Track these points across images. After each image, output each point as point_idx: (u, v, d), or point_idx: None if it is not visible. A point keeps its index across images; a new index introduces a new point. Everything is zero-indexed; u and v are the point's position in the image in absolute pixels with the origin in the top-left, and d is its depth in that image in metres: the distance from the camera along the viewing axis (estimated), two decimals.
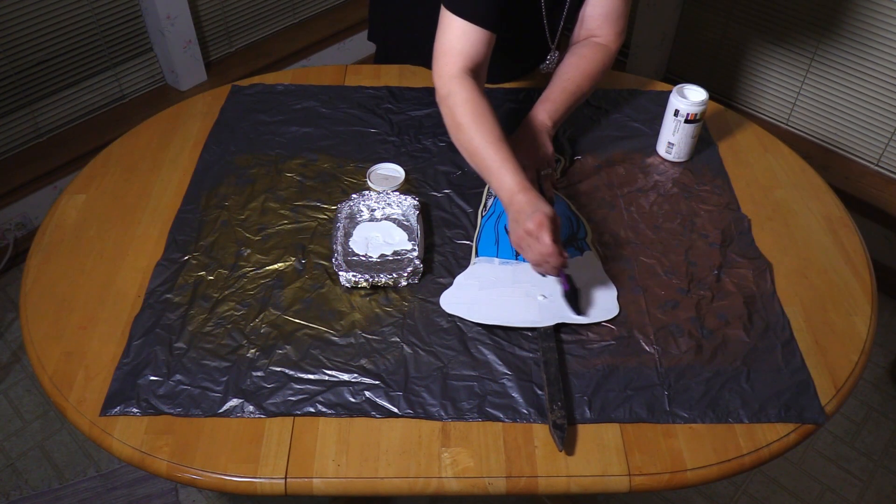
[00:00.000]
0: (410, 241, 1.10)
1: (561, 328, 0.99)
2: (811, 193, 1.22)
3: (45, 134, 2.17)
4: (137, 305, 1.01)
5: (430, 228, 1.13)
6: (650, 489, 0.85)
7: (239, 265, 1.06)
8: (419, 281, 1.05)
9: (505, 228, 1.11)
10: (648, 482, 0.85)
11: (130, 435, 0.87)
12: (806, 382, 0.94)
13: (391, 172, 1.22)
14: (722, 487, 1.72)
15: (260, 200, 1.17)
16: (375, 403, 0.90)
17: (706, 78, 2.48)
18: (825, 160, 2.23)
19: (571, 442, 0.87)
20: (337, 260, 1.03)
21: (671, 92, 1.22)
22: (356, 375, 0.93)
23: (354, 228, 1.12)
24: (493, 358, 0.95)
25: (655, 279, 1.06)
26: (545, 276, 1.03)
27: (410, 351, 0.96)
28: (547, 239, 0.94)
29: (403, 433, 0.88)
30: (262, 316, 1.00)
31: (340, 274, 1.02)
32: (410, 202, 1.13)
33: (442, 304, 1.01)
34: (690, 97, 1.21)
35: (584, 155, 1.28)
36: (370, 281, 1.02)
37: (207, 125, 1.33)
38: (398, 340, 0.97)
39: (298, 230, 1.12)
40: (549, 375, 0.91)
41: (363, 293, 1.03)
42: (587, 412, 0.90)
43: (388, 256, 1.08)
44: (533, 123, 1.19)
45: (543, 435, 0.88)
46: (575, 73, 1.23)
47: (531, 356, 0.96)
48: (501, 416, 0.89)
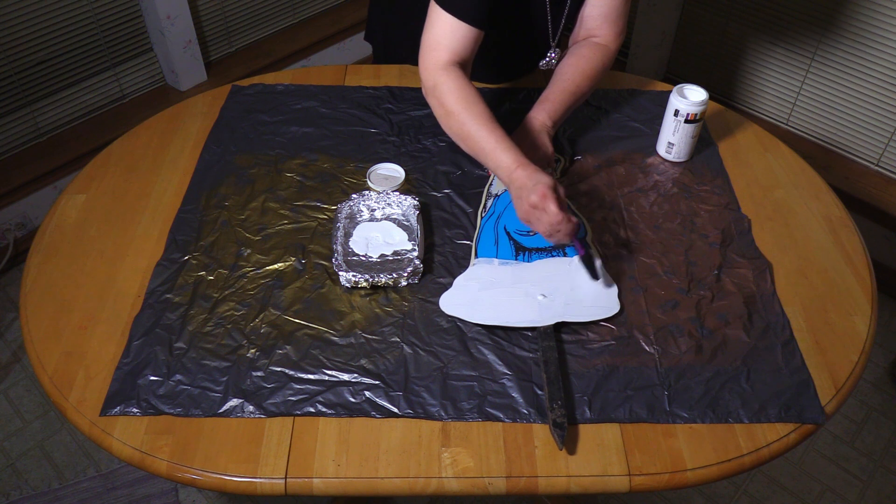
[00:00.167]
0: (410, 241, 1.10)
1: (561, 328, 0.99)
2: (811, 193, 1.22)
3: (45, 134, 2.17)
4: (137, 305, 1.01)
5: (430, 228, 1.13)
6: (650, 489, 0.85)
7: (239, 265, 1.06)
8: (419, 281, 1.05)
9: (503, 229, 1.11)
10: (648, 482, 0.85)
11: (130, 435, 0.87)
12: (806, 382, 0.94)
13: (391, 172, 1.22)
14: (722, 487, 1.72)
15: (260, 200, 1.17)
16: (375, 403, 0.90)
17: (706, 78, 2.48)
18: (825, 160, 2.23)
19: (571, 442, 0.87)
20: (337, 260, 1.03)
21: (671, 92, 1.22)
22: (356, 375, 0.93)
23: (354, 228, 1.12)
24: (493, 358, 0.95)
25: (655, 279, 1.06)
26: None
27: (410, 351, 0.96)
28: (553, 208, 0.97)
29: (403, 433, 0.88)
30: (262, 316, 1.00)
31: (340, 274, 1.02)
32: (410, 202, 1.14)
33: (441, 306, 1.01)
34: (690, 97, 1.21)
35: (584, 155, 1.28)
36: (370, 281, 1.02)
37: (207, 125, 1.33)
38: (398, 340, 0.97)
39: (298, 230, 1.12)
40: (548, 375, 0.91)
41: (363, 293, 1.03)
42: (587, 412, 0.90)
43: (388, 256, 1.08)
44: (533, 124, 1.19)
45: (543, 435, 0.88)
46: (574, 73, 1.23)
47: (531, 356, 0.96)
48: (501, 416, 0.89)
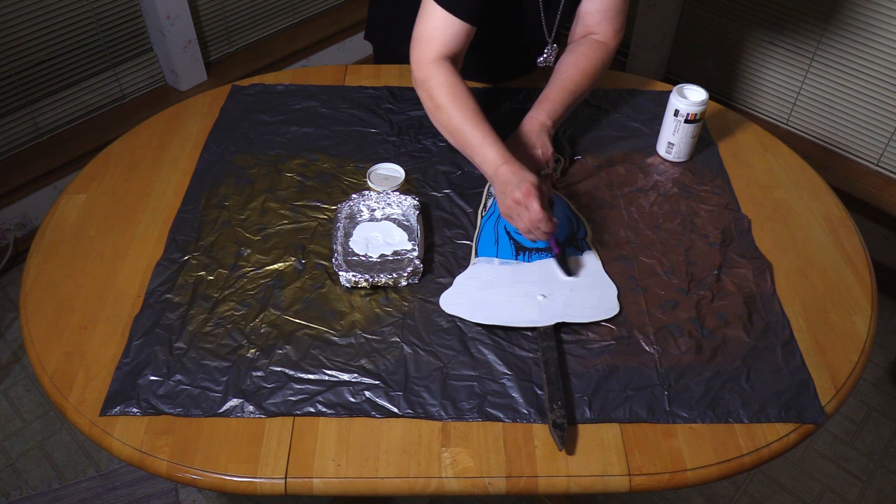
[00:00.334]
0: (410, 241, 1.10)
1: (561, 328, 0.99)
2: (811, 193, 1.22)
3: (45, 134, 2.17)
4: (137, 305, 1.01)
5: (430, 228, 1.13)
6: (650, 489, 0.85)
7: (239, 265, 1.06)
8: (419, 281, 1.05)
9: (499, 225, 1.11)
10: (648, 482, 0.85)
11: (130, 435, 0.87)
12: (806, 382, 0.94)
13: (391, 172, 1.22)
14: (722, 487, 1.72)
15: (260, 200, 1.17)
16: (375, 403, 0.90)
17: (706, 78, 2.48)
18: (825, 160, 2.23)
19: (571, 442, 0.87)
20: (337, 260, 1.03)
21: (671, 92, 1.22)
22: (356, 375, 0.93)
23: (354, 228, 1.12)
24: (493, 358, 0.95)
25: (655, 279, 1.06)
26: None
27: (410, 351, 0.96)
28: (535, 206, 0.98)
29: (403, 433, 0.88)
30: (262, 316, 1.00)
31: (340, 274, 1.02)
32: (410, 202, 1.13)
33: (442, 304, 1.01)
34: (690, 97, 1.21)
35: (584, 155, 1.28)
36: (370, 281, 1.02)
37: (207, 125, 1.32)
38: (398, 340, 0.97)
39: (298, 230, 1.12)
40: (548, 375, 0.91)
41: (363, 293, 1.03)
42: (587, 412, 0.90)
43: (388, 256, 1.08)
44: (533, 123, 1.19)
45: (543, 435, 0.88)
46: (574, 71, 1.23)
47: (531, 356, 0.96)
48: (501, 416, 0.89)
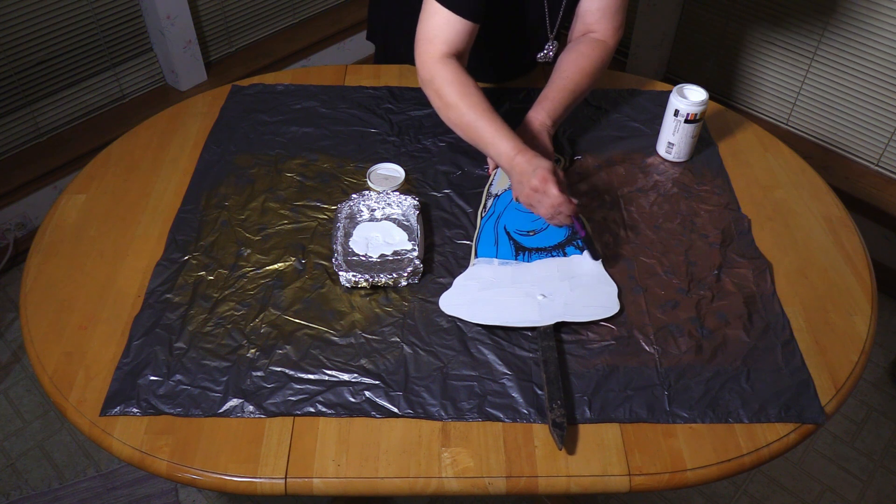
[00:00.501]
0: (410, 241, 1.10)
1: (561, 328, 0.99)
2: (811, 193, 1.22)
3: (45, 134, 2.16)
4: (137, 305, 1.01)
5: (430, 228, 1.13)
6: (650, 489, 0.85)
7: (239, 265, 1.06)
8: (419, 281, 1.05)
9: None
10: (648, 482, 0.85)
11: (130, 435, 0.87)
12: (806, 382, 0.94)
13: (391, 172, 1.22)
14: (722, 487, 1.72)
15: (260, 200, 1.17)
16: (375, 403, 0.90)
17: (706, 78, 2.48)
18: (825, 160, 2.23)
19: (571, 442, 0.87)
20: (337, 260, 1.03)
21: (671, 92, 1.22)
22: (356, 375, 0.93)
23: (354, 228, 1.12)
24: (493, 358, 0.95)
25: (655, 279, 1.06)
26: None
27: (410, 351, 0.96)
28: (554, 190, 1.00)
29: (403, 433, 0.88)
30: (262, 316, 1.00)
31: (340, 274, 1.02)
32: (410, 202, 1.14)
33: (441, 306, 1.01)
34: (690, 97, 1.21)
35: (584, 155, 1.28)
36: (370, 281, 1.02)
37: (207, 125, 1.33)
38: (398, 340, 0.97)
39: (298, 230, 1.12)
40: (548, 375, 0.91)
41: (363, 293, 1.03)
42: (587, 412, 0.90)
43: (388, 256, 1.08)
44: (533, 123, 1.19)
45: (543, 435, 0.88)
46: (573, 70, 1.23)
47: (531, 356, 0.96)
48: (501, 415, 0.89)
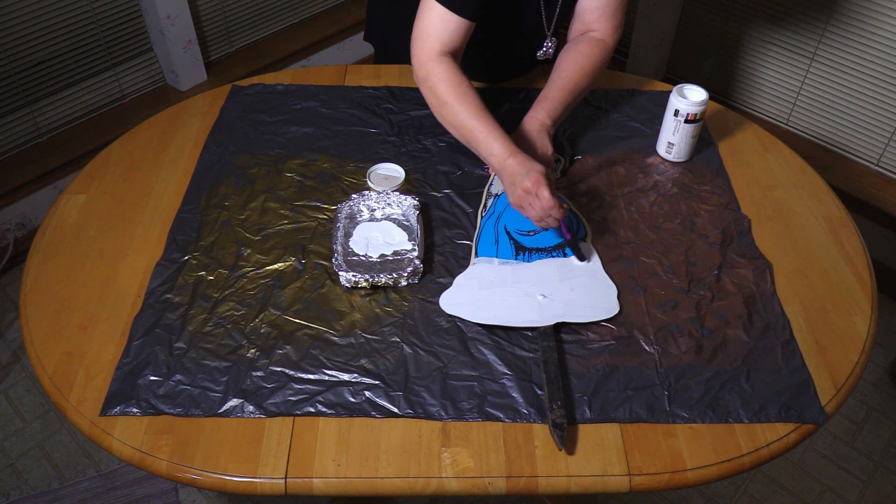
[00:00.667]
0: (410, 241, 1.10)
1: (561, 328, 0.99)
2: (811, 193, 1.22)
3: (45, 134, 2.17)
4: (137, 305, 1.01)
5: (430, 228, 1.13)
6: (650, 489, 0.85)
7: (239, 265, 1.06)
8: (419, 281, 1.05)
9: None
10: (648, 482, 0.85)
11: (130, 435, 0.87)
12: (806, 382, 0.94)
13: (391, 172, 1.22)
14: (722, 487, 1.72)
15: (260, 200, 1.17)
16: (375, 403, 0.90)
17: (706, 78, 2.48)
18: (825, 160, 2.23)
19: (571, 442, 0.87)
20: (337, 260, 1.03)
21: (671, 92, 1.22)
22: (356, 375, 0.93)
23: (354, 228, 1.12)
24: (493, 358, 0.95)
25: (655, 279, 1.06)
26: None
27: (410, 351, 0.96)
28: (546, 193, 1.00)
29: (403, 433, 0.88)
30: (262, 316, 1.00)
31: (340, 274, 1.02)
32: (410, 202, 1.14)
33: (441, 305, 1.01)
34: (690, 97, 1.21)
35: (584, 155, 1.28)
36: (370, 281, 1.02)
37: (207, 125, 1.33)
38: (398, 340, 0.97)
39: (298, 230, 1.12)
40: (548, 375, 0.91)
41: (363, 293, 1.03)
42: (587, 412, 0.90)
43: (388, 256, 1.08)
44: (532, 123, 1.19)
45: (543, 435, 0.88)
46: (573, 70, 1.23)
47: (531, 356, 0.96)
48: (501, 416, 0.89)
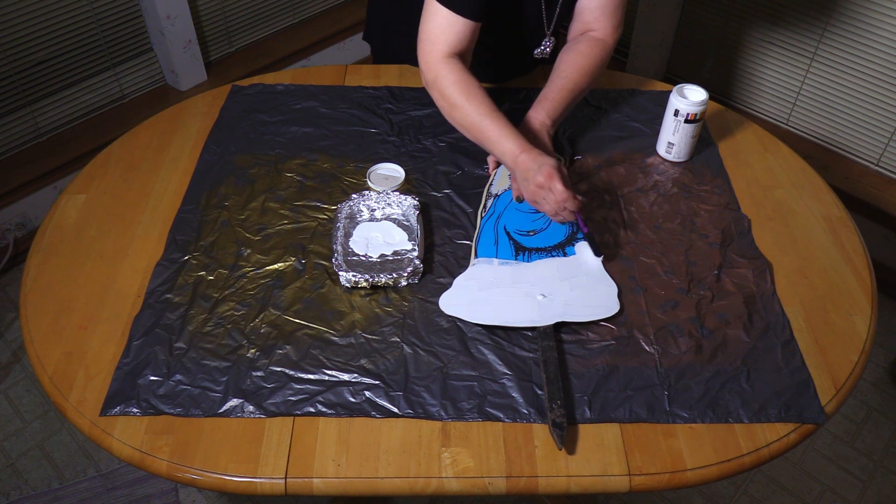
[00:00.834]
0: (410, 241, 1.10)
1: (561, 328, 0.99)
2: (811, 193, 1.22)
3: (45, 134, 2.17)
4: (137, 305, 1.01)
5: (430, 228, 1.13)
6: (650, 489, 0.85)
7: (239, 265, 1.06)
8: (419, 281, 1.05)
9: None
10: (648, 482, 0.85)
11: (130, 435, 0.87)
12: (806, 382, 0.94)
13: (391, 172, 1.22)
14: (722, 487, 1.72)
15: (260, 200, 1.17)
16: (375, 403, 0.90)
17: (706, 78, 2.48)
18: (825, 160, 2.23)
19: (571, 442, 0.87)
20: (337, 260, 1.03)
21: (671, 92, 1.22)
22: (356, 375, 0.93)
23: (354, 228, 1.12)
24: (493, 358, 0.95)
25: (655, 279, 1.06)
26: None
27: (410, 351, 0.96)
28: (559, 186, 1.01)
29: (403, 433, 0.88)
30: (262, 316, 1.00)
31: (340, 274, 1.02)
32: (410, 202, 1.14)
33: (441, 306, 1.01)
34: (690, 97, 1.21)
35: (584, 155, 1.28)
36: (370, 281, 1.02)
37: (207, 125, 1.33)
38: (398, 340, 0.97)
39: (298, 230, 1.12)
40: (548, 375, 0.91)
41: (363, 293, 1.03)
42: (587, 412, 0.90)
43: (388, 256, 1.08)
44: (532, 123, 1.19)
45: (543, 435, 0.88)
46: (573, 70, 1.23)
47: (531, 356, 0.96)
48: (501, 415, 0.89)
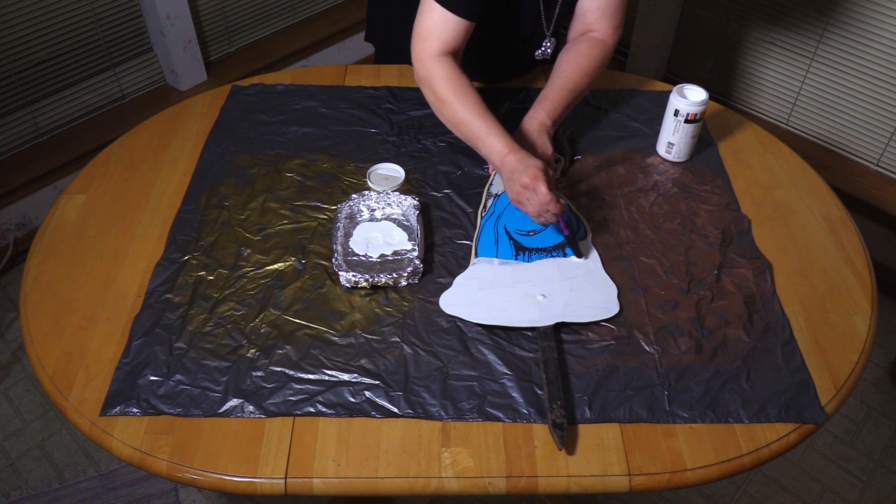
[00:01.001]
0: (410, 241, 1.10)
1: (561, 328, 0.99)
2: (811, 193, 1.22)
3: (45, 134, 2.16)
4: (137, 305, 1.01)
5: (430, 228, 1.13)
6: (650, 489, 0.85)
7: (239, 265, 1.06)
8: (419, 281, 1.05)
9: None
10: (648, 482, 0.85)
11: (130, 435, 0.87)
12: (806, 382, 0.94)
13: (391, 172, 1.22)
14: (722, 487, 1.72)
15: (260, 200, 1.17)
16: (375, 403, 0.90)
17: (706, 78, 2.48)
18: (825, 160, 2.23)
19: (571, 442, 0.87)
20: (337, 260, 1.03)
21: (671, 92, 1.22)
22: (356, 375, 0.93)
23: (354, 228, 1.12)
24: (493, 358, 0.95)
25: (655, 279, 1.06)
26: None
27: (410, 351, 0.96)
28: (543, 189, 1.01)
29: (403, 433, 0.88)
30: (262, 316, 1.00)
31: (340, 274, 1.02)
32: (410, 202, 1.14)
33: (441, 305, 1.01)
34: (690, 97, 1.21)
35: (584, 155, 1.28)
36: (370, 281, 1.02)
37: (207, 125, 1.33)
38: (398, 340, 0.97)
39: (298, 230, 1.12)
40: (548, 375, 0.91)
41: (363, 293, 1.03)
42: (587, 412, 0.90)
43: (388, 256, 1.08)
44: (532, 123, 1.19)
45: (543, 435, 0.88)
46: (573, 70, 1.23)
47: (531, 356, 0.96)
48: (501, 416, 0.89)
